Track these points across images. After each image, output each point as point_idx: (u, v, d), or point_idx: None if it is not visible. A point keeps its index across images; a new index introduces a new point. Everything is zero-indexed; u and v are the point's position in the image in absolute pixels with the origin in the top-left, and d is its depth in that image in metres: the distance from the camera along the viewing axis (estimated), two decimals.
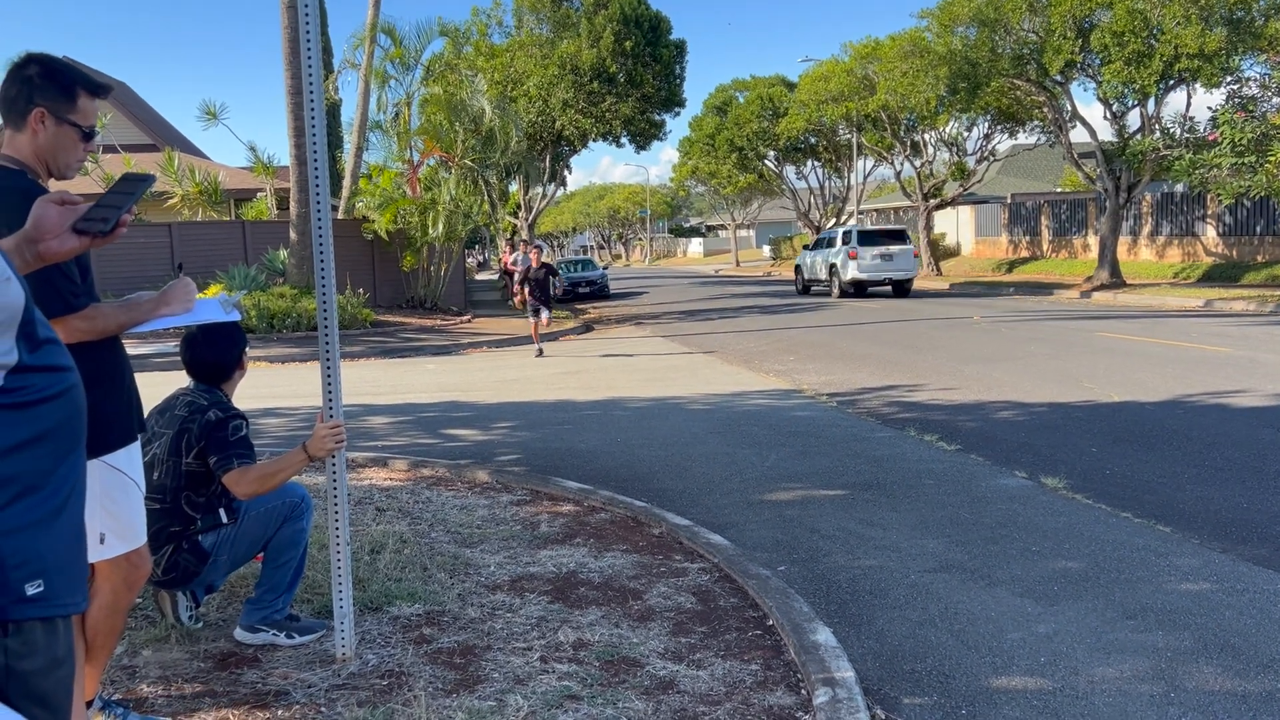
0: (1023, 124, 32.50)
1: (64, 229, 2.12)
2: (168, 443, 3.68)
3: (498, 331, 20.09)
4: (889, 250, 25.65)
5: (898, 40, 30.24)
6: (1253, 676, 3.61)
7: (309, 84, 3.38)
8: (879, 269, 25.68)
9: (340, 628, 3.64)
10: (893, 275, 25.84)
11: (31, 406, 1.61)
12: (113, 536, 2.91)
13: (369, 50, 23.24)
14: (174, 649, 3.79)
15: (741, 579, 4.51)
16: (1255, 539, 5.15)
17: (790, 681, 3.53)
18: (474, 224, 24.84)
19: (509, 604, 4.26)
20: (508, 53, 29.90)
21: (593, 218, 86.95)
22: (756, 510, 6.03)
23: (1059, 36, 23.91)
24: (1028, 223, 37.51)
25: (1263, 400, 8.90)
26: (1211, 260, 27.82)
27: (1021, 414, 8.83)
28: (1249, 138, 20.34)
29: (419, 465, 7.05)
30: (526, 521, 5.57)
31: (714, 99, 48.35)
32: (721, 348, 15.48)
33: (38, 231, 2.11)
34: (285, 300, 18.54)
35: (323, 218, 3.45)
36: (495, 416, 9.75)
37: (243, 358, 3.86)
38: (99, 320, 2.77)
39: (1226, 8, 22.14)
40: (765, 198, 59.29)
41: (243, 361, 3.87)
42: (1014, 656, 3.85)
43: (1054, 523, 5.55)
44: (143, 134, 30.28)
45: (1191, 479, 6.37)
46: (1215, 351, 12.39)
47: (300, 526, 3.89)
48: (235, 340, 3.81)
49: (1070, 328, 16.28)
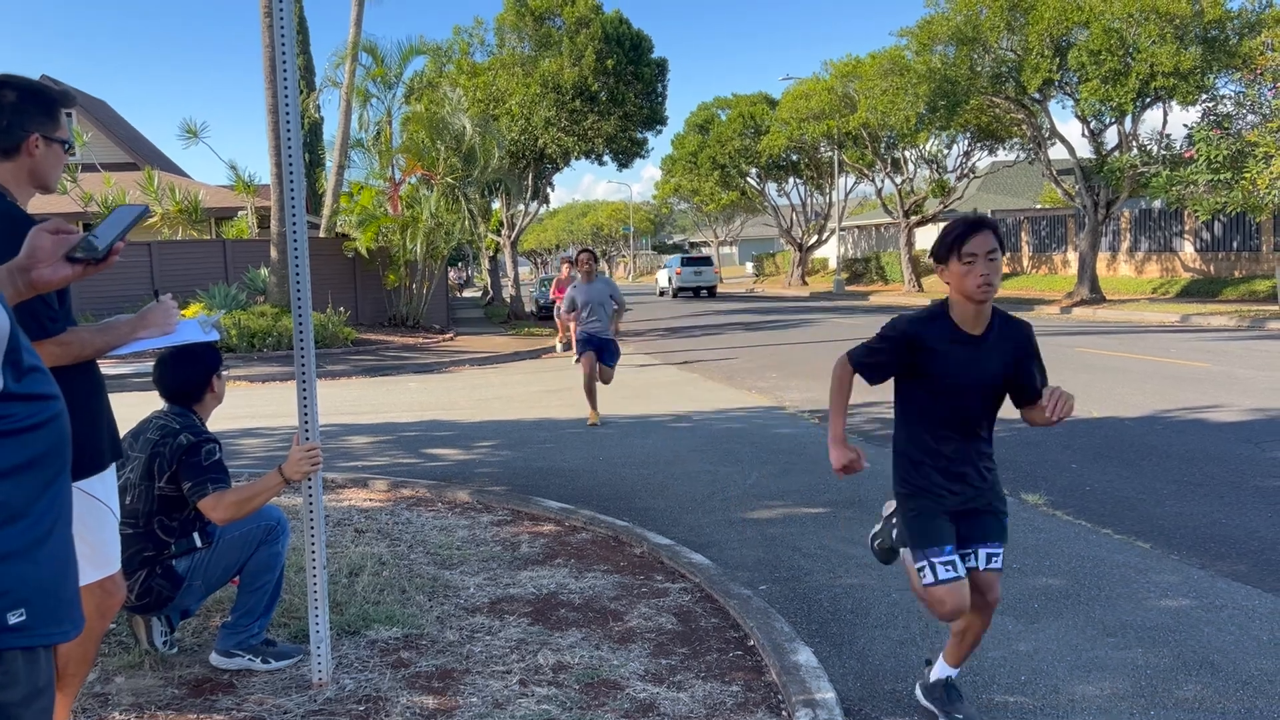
0: (1002, 141, 32.80)
1: (57, 257, 2.11)
2: (140, 467, 3.64)
3: (480, 350, 20.05)
4: (700, 270, 44.16)
5: (878, 59, 30.50)
6: (1232, 694, 3.61)
7: (284, 100, 3.37)
8: (692, 281, 43.74)
9: (317, 652, 3.60)
10: (700, 285, 43.86)
11: (16, 435, 1.59)
12: (86, 563, 2.86)
13: (350, 68, 23.24)
14: (147, 675, 3.74)
15: (723, 599, 4.50)
16: (1234, 555, 5.17)
17: (771, 703, 3.51)
18: (456, 241, 24.81)
19: (488, 626, 4.23)
20: (490, 71, 29.93)
21: (576, 235, 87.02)
22: (738, 529, 6.02)
23: (1037, 55, 24.15)
24: (1008, 239, 37.77)
25: (1240, 415, 8.96)
26: (1189, 276, 28.07)
27: (1003, 430, 8.81)
28: (1224, 155, 20.57)
29: (399, 485, 7.01)
30: (507, 542, 5.54)
31: (696, 117, 48.57)
32: (704, 364, 15.49)
33: (31, 260, 2.09)
34: (266, 319, 18.45)
35: (299, 234, 3.43)
36: (477, 435, 9.71)
37: (213, 379, 3.81)
38: (75, 345, 2.74)
39: (1201, 27, 22.43)
40: (748, 215, 59.55)
41: (213, 383, 3.82)
42: (995, 675, 3.84)
43: (1034, 539, 5.57)
44: (122, 152, 30.18)
45: (1171, 495, 6.40)
46: (1193, 367, 12.49)
47: (276, 550, 3.85)
48: (204, 361, 3.76)
49: (1051, 343, 16.37)
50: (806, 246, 49.39)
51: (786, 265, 53.00)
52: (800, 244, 49.29)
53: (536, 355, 19.39)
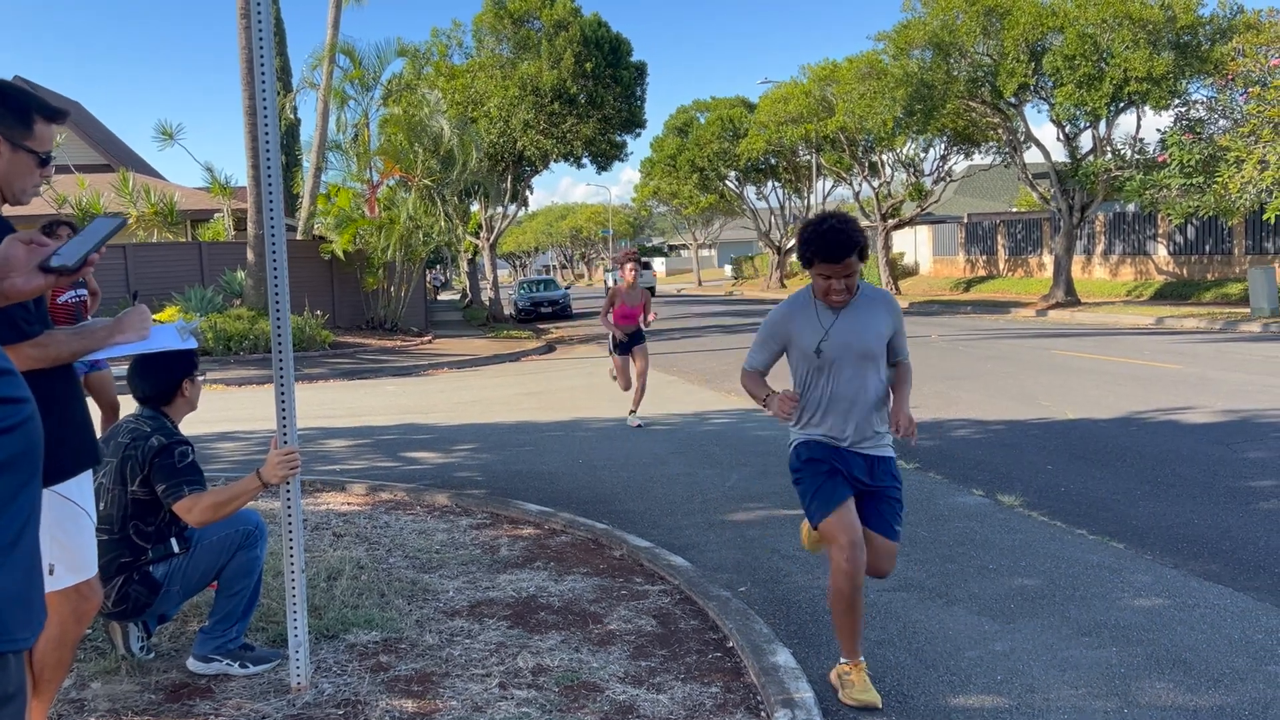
0: (978, 145, 33.00)
1: (30, 267, 2.10)
2: (112, 471, 3.61)
3: (459, 352, 20.00)
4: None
5: (855, 63, 30.63)
6: (1204, 692, 3.66)
7: (262, 102, 3.36)
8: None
9: (295, 656, 3.59)
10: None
11: None
12: (62, 568, 2.86)
13: (328, 70, 23.15)
14: (124, 681, 3.72)
15: (702, 601, 4.51)
16: (1206, 554, 5.23)
17: (750, 704, 3.53)
18: (434, 244, 24.75)
19: (468, 630, 4.23)
20: (468, 73, 29.88)
21: (555, 237, 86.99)
22: (718, 531, 6.03)
23: (1012, 60, 24.35)
24: (984, 242, 38.04)
25: (1212, 417, 9.06)
26: (1163, 279, 28.35)
27: (979, 432, 8.93)
28: (1197, 159, 20.80)
29: (378, 489, 6.99)
30: (486, 545, 5.53)
31: (675, 120, 48.64)
32: (683, 367, 15.51)
33: (3, 269, 2.08)
34: (243, 322, 18.34)
35: (276, 237, 3.42)
36: (456, 438, 9.69)
37: (185, 382, 3.78)
38: (52, 348, 2.72)
39: (1173, 33, 22.69)
40: (726, 218, 59.66)
41: (184, 387, 3.79)
42: (971, 675, 3.88)
43: (1010, 540, 5.61)
44: (97, 154, 29.92)
45: (1144, 495, 6.47)
46: (1166, 369, 12.62)
47: (254, 554, 3.83)
48: (176, 364, 3.73)
49: (1027, 346, 16.50)
50: (785, 249, 49.55)
51: (765, 268, 53.17)
52: (779, 247, 49.45)
53: (516, 358, 19.36)
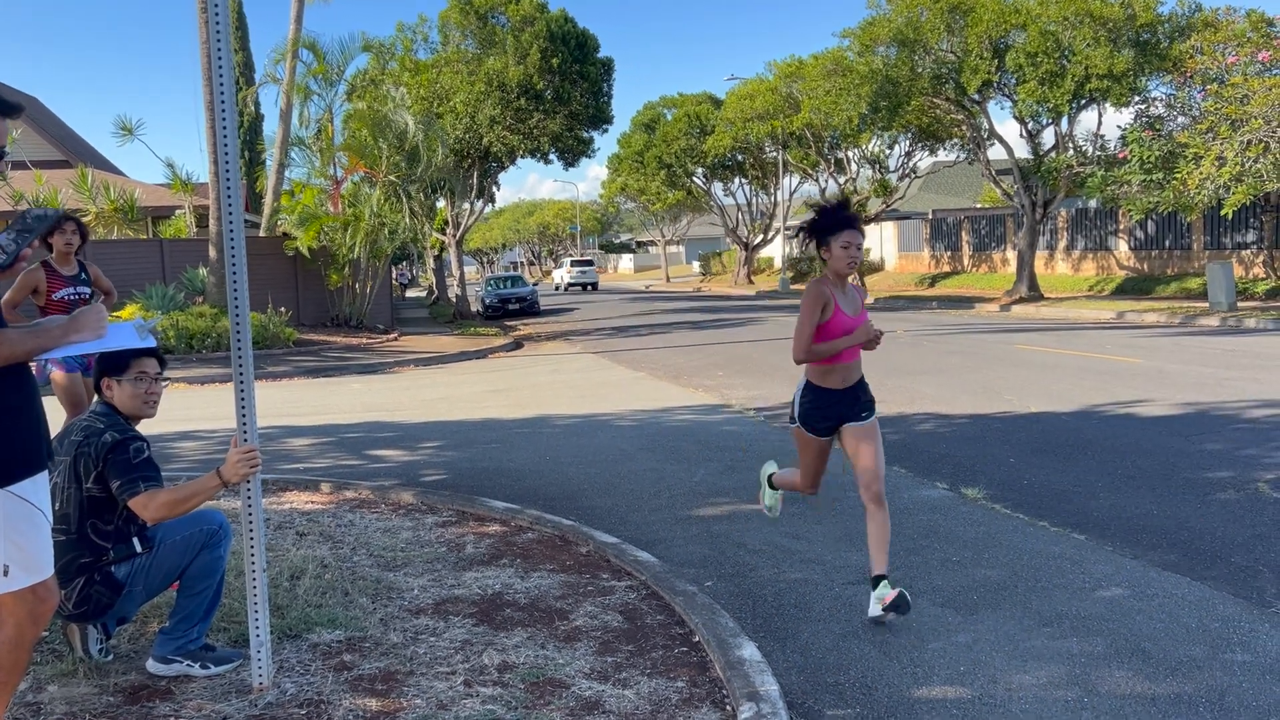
0: (943, 142, 33.29)
1: None
2: (66, 470, 3.56)
3: (425, 350, 19.89)
4: (584, 269, 58.65)
5: (821, 59, 30.74)
6: (1162, 680, 3.72)
7: (220, 98, 3.32)
8: (579, 278, 57.93)
9: (257, 656, 3.55)
10: (585, 281, 57.93)
11: None
12: (17, 568, 2.81)
13: (290, 65, 22.92)
14: (82, 683, 3.66)
15: (669, 596, 4.52)
16: (1165, 545, 5.31)
17: (716, 698, 3.54)
18: (400, 240, 24.58)
19: (432, 628, 4.21)
20: (434, 69, 29.68)
21: (522, 234, 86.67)
22: (684, 526, 6.05)
23: (976, 57, 24.56)
24: (949, 238, 38.36)
25: (1169, 409, 9.20)
26: (1124, 274, 28.73)
27: (943, 426, 9.00)
28: (1156, 155, 21.10)
29: (342, 487, 6.94)
30: (452, 543, 5.51)
31: (642, 116, 48.61)
32: (651, 363, 15.52)
33: None
34: (205, 320, 18.13)
35: (235, 232, 3.38)
36: (422, 436, 9.64)
37: (104, 379, 3.69)
38: (5, 347, 2.68)
39: (1133, 30, 22.99)
40: (694, 214, 59.75)
41: (106, 385, 3.70)
42: (934, 666, 3.91)
43: (973, 533, 5.67)
44: (54, 150, 29.42)
45: (1105, 487, 6.56)
46: (1127, 363, 12.79)
47: (218, 554, 3.79)
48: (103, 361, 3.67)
49: (990, 340, 16.67)
50: (752, 245, 49.75)
51: (733, 264, 53.28)
52: (746, 243, 49.62)
53: (483, 355, 19.29)
